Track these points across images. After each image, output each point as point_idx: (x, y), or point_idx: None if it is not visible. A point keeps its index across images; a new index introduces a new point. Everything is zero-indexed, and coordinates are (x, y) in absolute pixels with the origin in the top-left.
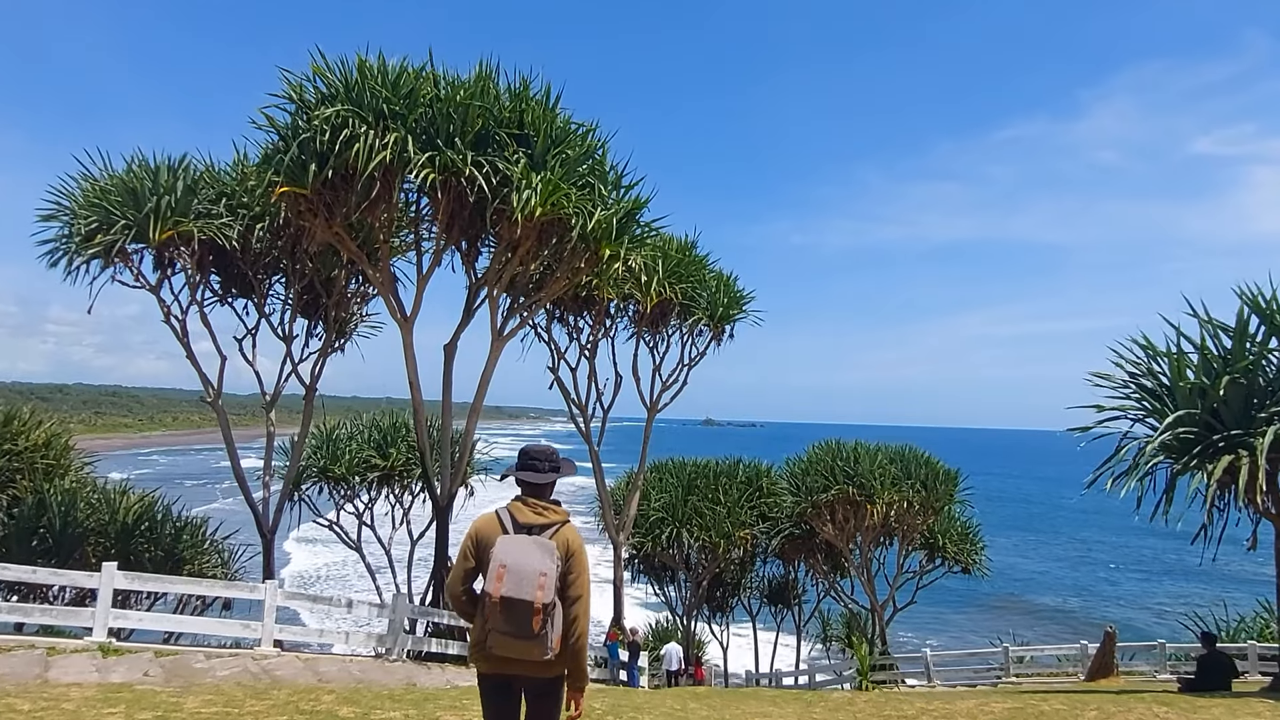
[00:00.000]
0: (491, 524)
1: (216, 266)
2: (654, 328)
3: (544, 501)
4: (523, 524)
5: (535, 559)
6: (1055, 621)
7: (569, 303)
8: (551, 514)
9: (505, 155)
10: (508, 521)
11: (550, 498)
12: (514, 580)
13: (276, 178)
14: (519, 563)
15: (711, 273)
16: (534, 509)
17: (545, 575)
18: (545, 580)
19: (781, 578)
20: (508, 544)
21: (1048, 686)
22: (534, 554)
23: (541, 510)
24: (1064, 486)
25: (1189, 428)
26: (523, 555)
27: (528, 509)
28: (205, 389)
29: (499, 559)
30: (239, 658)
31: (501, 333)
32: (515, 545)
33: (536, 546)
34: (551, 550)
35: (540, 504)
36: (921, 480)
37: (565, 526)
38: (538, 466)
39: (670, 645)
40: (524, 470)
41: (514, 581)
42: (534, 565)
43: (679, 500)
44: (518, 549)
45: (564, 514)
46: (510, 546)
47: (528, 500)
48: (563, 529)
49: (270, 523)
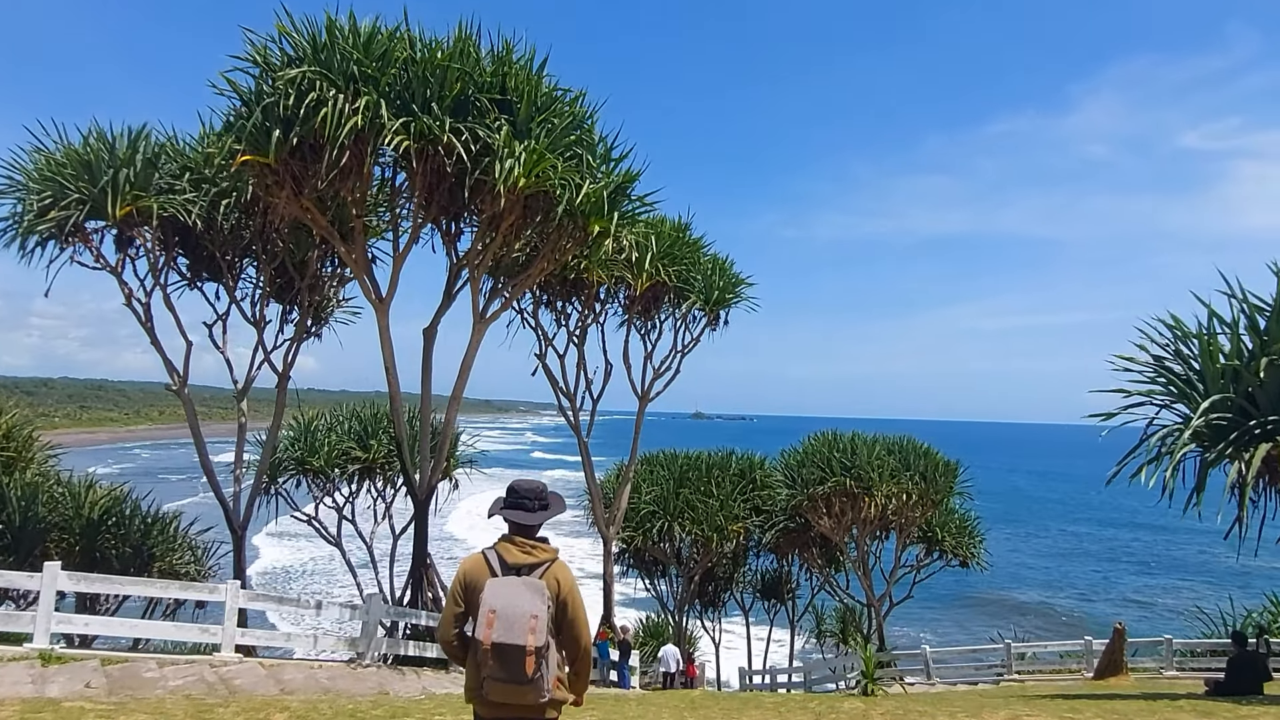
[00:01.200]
0: (479, 566)
1: (183, 248)
2: (646, 313)
3: (531, 540)
4: (511, 564)
5: (525, 601)
6: (1040, 615)
7: (556, 286)
8: (540, 552)
9: (486, 123)
10: (495, 563)
11: (538, 535)
12: (504, 625)
13: (238, 145)
14: (508, 607)
15: (706, 255)
16: (522, 548)
17: (536, 618)
18: (536, 623)
19: (775, 572)
20: (496, 587)
21: (1058, 686)
22: (523, 596)
23: (530, 549)
24: (1050, 480)
25: (1222, 413)
26: (512, 598)
27: (515, 548)
28: (170, 376)
29: (488, 604)
30: (196, 665)
31: (484, 315)
32: (504, 588)
33: (526, 588)
34: (541, 591)
35: (528, 543)
36: (920, 472)
37: (555, 565)
38: (527, 505)
39: (668, 647)
40: (512, 509)
41: (504, 627)
42: (524, 608)
43: (670, 493)
44: (507, 592)
45: (553, 551)
46: (499, 590)
47: (515, 539)
48: (552, 567)
49: (241, 518)
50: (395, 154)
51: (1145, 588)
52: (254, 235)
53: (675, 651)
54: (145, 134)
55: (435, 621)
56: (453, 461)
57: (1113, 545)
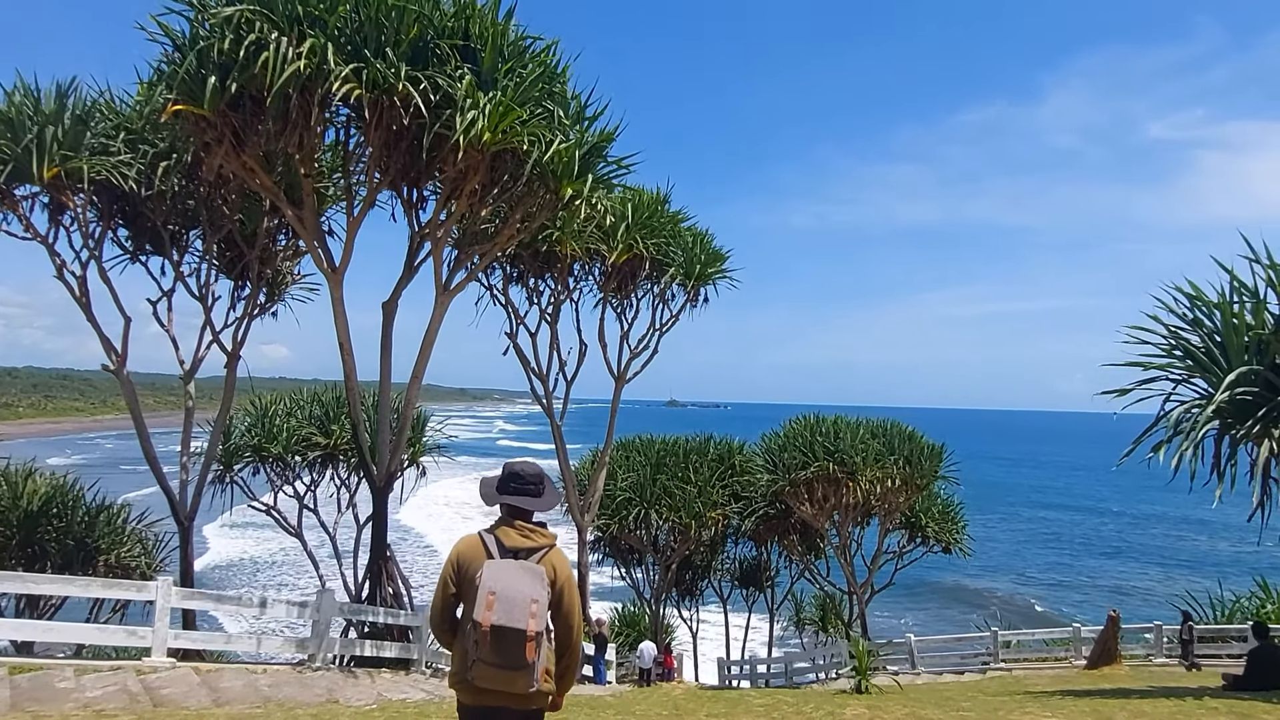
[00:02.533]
0: (475, 548)
1: (124, 218)
2: (622, 290)
3: (530, 524)
4: (509, 548)
5: (526, 585)
6: (1008, 602)
7: (528, 260)
8: (539, 537)
9: (447, 71)
10: (493, 545)
11: (535, 520)
12: (505, 608)
13: (169, 94)
14: (509, 589)
15: (686, 228)
16: (521, 531)
17: (537, 602)
18: (537, 607)
19: (754, 559)
20: (496, 569)
21: (1053, 678)
22: (524, 580)
23: (529, 533)
24: (1023, 467)
25: (1247, 388)
26: (513, 581)
27: (514, 532)
28: (108, 355)
29: (488, 585)
30: (120, 673)
31: (447, 287)
32: (504, 571)
33: (526, 572)
34: (541, 576)
35: (527, 526)
36: (905, 456)
37: (553, 551)
38: (531, 491)
39: (645, 644)
40: (517, 495)
41: (505, 609)
42: (525, 592)
43: (647, 479)
44: (507, 575)
45: (551, 537)
46: (499, 572)
47: (514, 523)
48: (550, 553)
49: (189, 508)
50: (347, 107)
51: (1118, 573)
52: (200, 203)
53: (653, 648)
54: (74, 88)
55: (393, 619)
56: (419, 448)
57: (1084, 531)
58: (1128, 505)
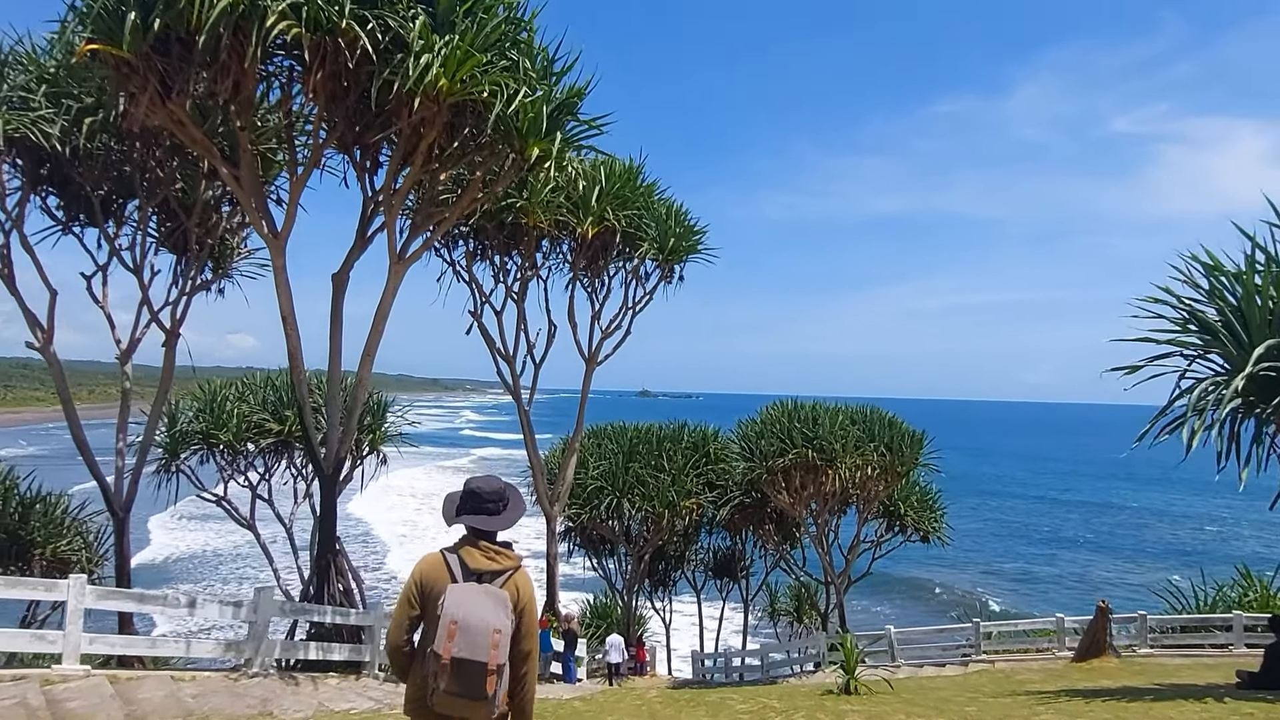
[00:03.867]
0: (438, 569)
1: (53, 183)
2: (593, 265)
3: (495, 544)
4: (473, 570)
5: (489, 614)
6: (966, 592)
7: (492, 233)
8: (503, 559)
9: (398, 11)
10: (456, 567)
11: (500, 540)
12: (467, 640)
13: (85, 33)
14: (471, 618)
15: (660, 200)
16: (485, 553)
17: (499, 633)
18: (499, 638)
19: (728, 549)
20: (459, 596)
21: (1042, 672)
22: (487, 608)
23: (494, 554)
24: (990, 457)
25: (1271, 363)
26: (475, 609)
27: (479, 553)
28: (33, 332)
29: (450, 614)
30: (23, 684)
31: (402, 256)
32: (467, 597)
33: (489, 598)
34: (505, 601)
35: (492, 548)
36: (885, 443)
37: (518, 573)
38: (490, 509)
39: (612, 637)
40: (474, 514)
41: (467, 641)
42: (488, 622)
43: (619, 467)
44: (470, 602)
45: (516, 558)
46: (462, 599)
47: (479, 543)
48: (515, 576)
49: (124, 498)
50: (289, 58)
51: (1084, 563)
52: (134, 167)
53: (619, 641)
54: None
55: (343, 619)
56: (378, 434)
57: (1049, 521)
58: (1092, 496)
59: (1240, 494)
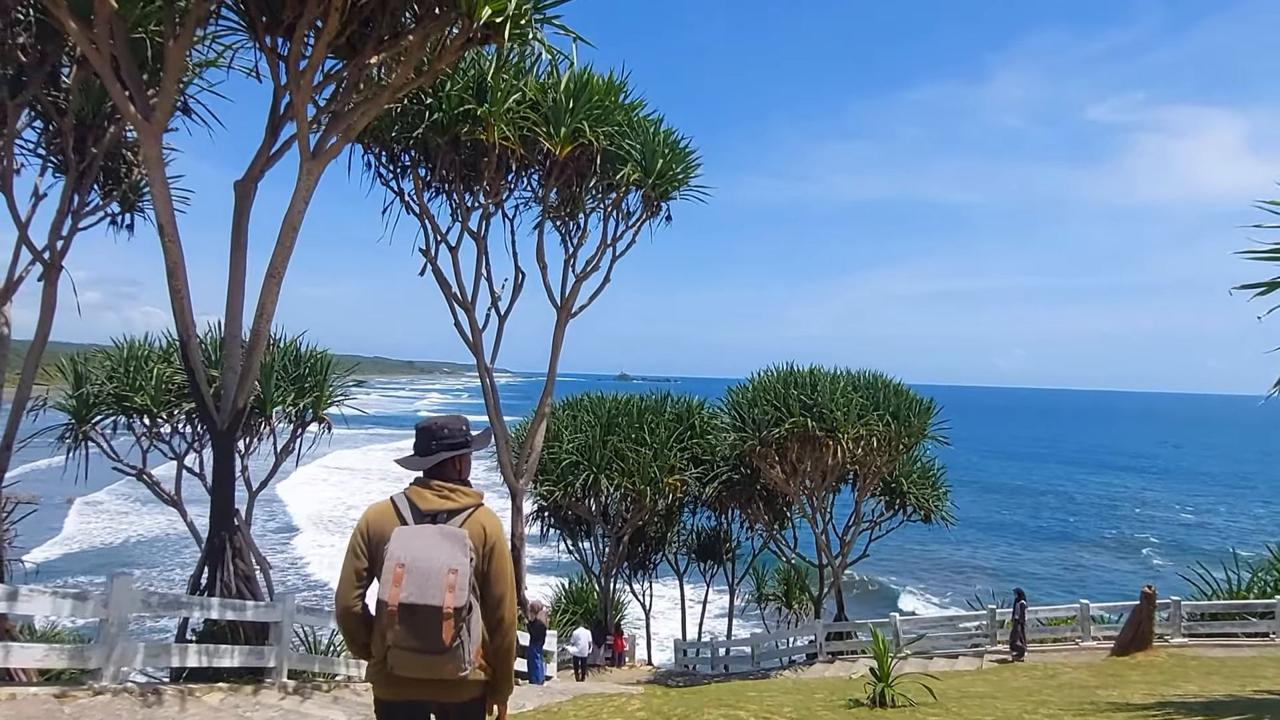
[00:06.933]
0: (386, 513)
1: None
2: (567, 203)
3: (450, 483)
4: (425, 511)
5: (442, 553)
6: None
7: (446, 152)
8: (460, 496)
9: None
10: (405, 510)
11: (461, 479)
12: (415, 581)
13: None
14: (421, 559)
15: (645, 117)
16: (438, 491)
17: (455, 572)
18: (455, 578)
19: (713, 530)
20: (406, 537)
21: (1086, 669)
22: (440, 547)
23: (448, 493)
24: (959, 441)
25: None
26: (425, 550)
27: (430, 492)
28: None
29: (395, 556)
30: None
31: (316, 153)
32: (416, 537)
33: (442, 537)
34: (462, 540)
35: (446, 485)
36: (891, 412)
37: (479, 510)
38: (424, 448)
39: (580, 631)
40: (409, 457)
41: (415, 583)
42: (440, 560)
43: (596, 441)
44: (419, 542)
45: (477, 495)
46: (409, 540)
47: (430, 483)
48: (476, 514)
49: None
50: None
51: (1062, 551)
52: None
53: (587, 635)
54: None
55: (238, 613)
56: (322, 397)
57: (1028, 509)
58: (1057, 484)
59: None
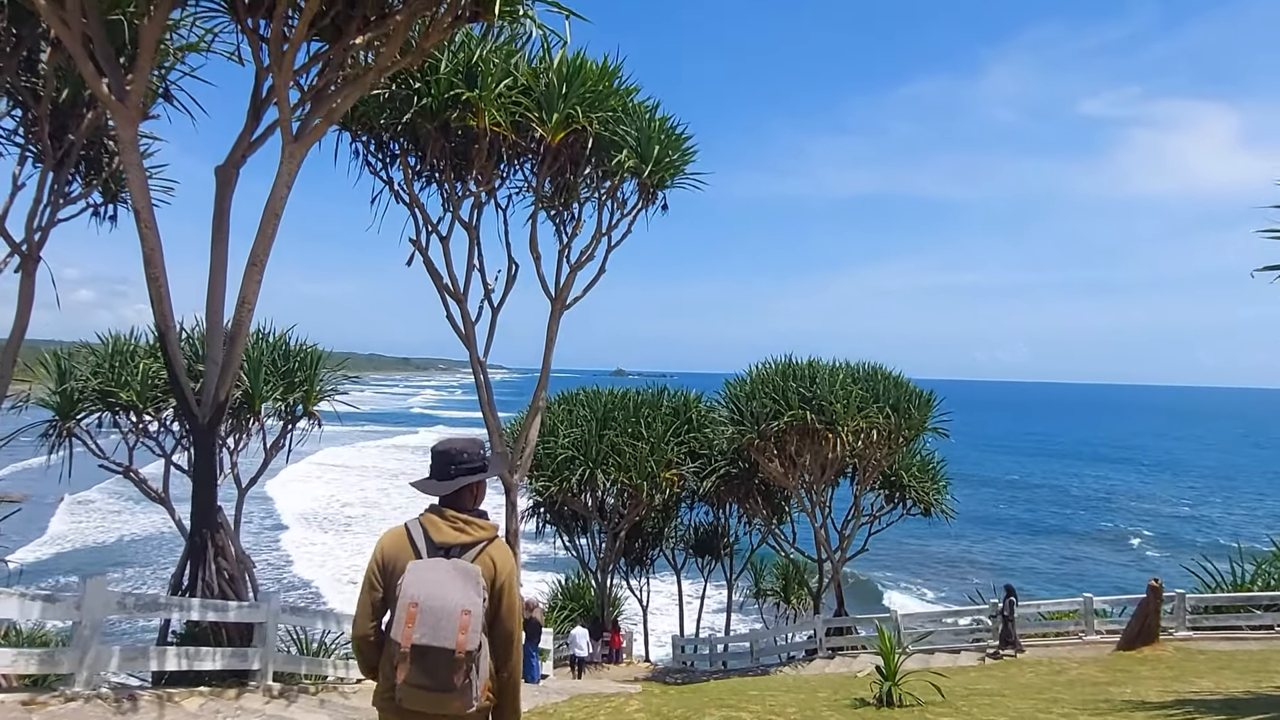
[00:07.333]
0: (400, 543)
1: None
2: (561, 191)
3: (465, 513)
4: (439, 544)
5: (455, 593)
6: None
7: (436, 138)
8: (475, 529)
9: None
10: (420, 540)
11: (475, 508)
12: (429, 623)
13: None
14: (434, 597)
15: (640, 103)
16: (453, 523)
17: (469, 613)
18: (469, 620)
19: (710, 525)
20: (420, 573)
21: (1094, 664)
22: (454, 586)
23: (463, 525)
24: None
25: None
26: (439, 588)
27: (444, 523)
28: None
29: (409, 594)
30: None
31: (298, 135)
32: (430, 574)
33: (456, 574)
34: (475, 577)
35: (461, 516)
36: (891, 404)
37: (492, 545)
38: (442, 472)
39: (577, 630)
40: (427, 480)
41: (429, 624)
42: (454, 601)
43: (592, 435)
44: (433, 579)
45: (491, 528)
46: (423, 576)
47: (445, 512)
48: (489, 548)
49: None
50: None
51: (1059, 544)
52: None
53: (585, 634)
54: None
55: (220, 614)
56: (312, 390)
57: (1015, 504)
58: (1042, 479)
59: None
